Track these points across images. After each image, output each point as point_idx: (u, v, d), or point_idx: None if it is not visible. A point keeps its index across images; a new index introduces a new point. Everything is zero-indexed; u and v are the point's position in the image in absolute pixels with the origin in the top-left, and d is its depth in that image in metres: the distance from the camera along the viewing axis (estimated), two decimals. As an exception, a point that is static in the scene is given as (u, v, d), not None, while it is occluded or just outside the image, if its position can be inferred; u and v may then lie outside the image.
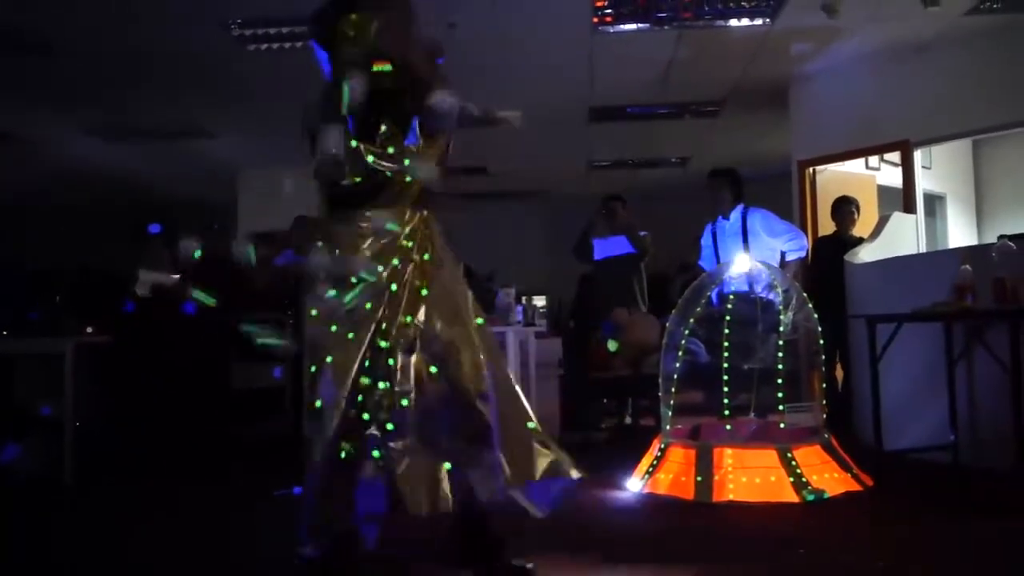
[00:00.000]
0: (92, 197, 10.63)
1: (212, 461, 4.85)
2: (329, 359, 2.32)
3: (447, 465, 2.32)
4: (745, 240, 5.26)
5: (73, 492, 4.61)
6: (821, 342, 4.34)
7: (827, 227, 6.61)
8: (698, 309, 4.40)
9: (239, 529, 3.55)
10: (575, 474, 2.44)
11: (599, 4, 5.40)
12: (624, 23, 5.71)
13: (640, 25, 5.74)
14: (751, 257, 4.81)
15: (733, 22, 5.72)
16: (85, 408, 4.91)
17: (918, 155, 6.55)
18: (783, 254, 5.36)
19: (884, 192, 7.18)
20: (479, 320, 2.47)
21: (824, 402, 4.36)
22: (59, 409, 4.86)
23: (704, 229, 5.65)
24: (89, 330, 5.05)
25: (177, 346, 4.95)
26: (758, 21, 5.71)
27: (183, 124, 7.83)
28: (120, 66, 6.17)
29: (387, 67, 2.40)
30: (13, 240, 10.46)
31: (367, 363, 2.31)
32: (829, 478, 3.89)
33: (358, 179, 2.45)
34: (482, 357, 2.38)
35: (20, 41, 5.65)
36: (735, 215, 5.37)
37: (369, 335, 2.33)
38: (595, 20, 5.63)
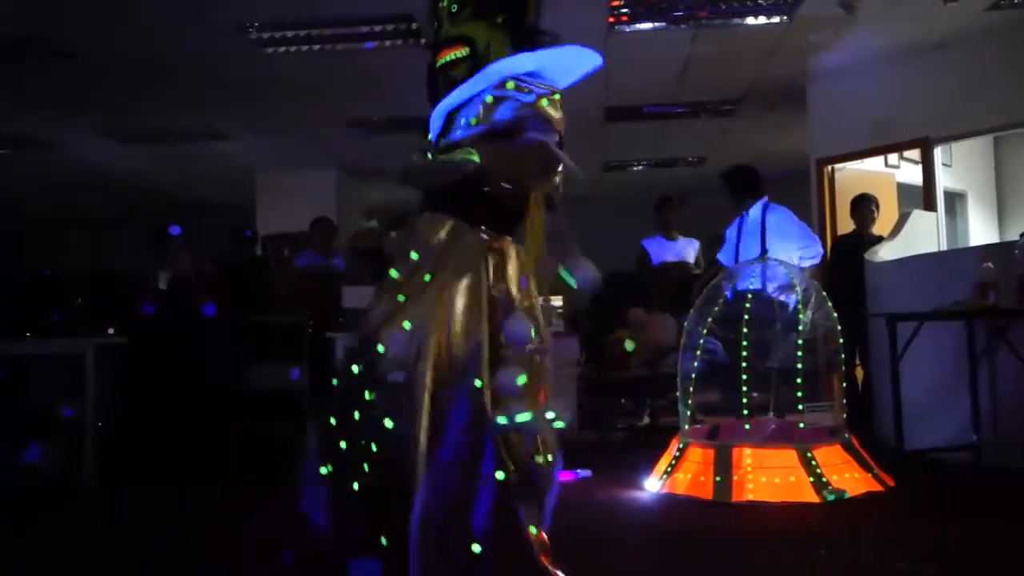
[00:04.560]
0: (111, 200, 10.72)
1: (229, 463, 4.87)
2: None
3: None
4: (763, 238, 5.08)
5: (92, 493, 4.65)
6: (841, 341, 4.30)
7: (846, 225, 6.56)
8: (716, 308, 4.38)
9: (256, 532, 3.56)
10: None
11: (615, 3, 5.39)
12: (640, 22, 5.69)
13: (656, 24, 5.72)
14: (770, 255, 4.75)
15: (750, 20, 5.69)
16: (105, 409, 4.95)
17: (938, 152, 6.49)
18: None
19: (904, 190, 7.12)
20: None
21: (844, 401, 4.33)
22: (80, 410, 4.91)
23: (732, 222, 5.40)
24: (110, 331, 5.09)
25: (195, 348, 4.99)
26: (775, 19, 5.67)
27: (201, 127, 7.89)
28: (138, 70, 6.22)
29: (462, 52, 1.99)
30: (34, 243, 10.59)
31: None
32: (850, 478, 3.86)
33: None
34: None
35: (41, 47, 5.70)
36: (756, 211, 5.13)
37: None
38: (611, 20, 5.61)
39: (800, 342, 4.12)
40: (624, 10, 5.50)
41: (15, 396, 5.25)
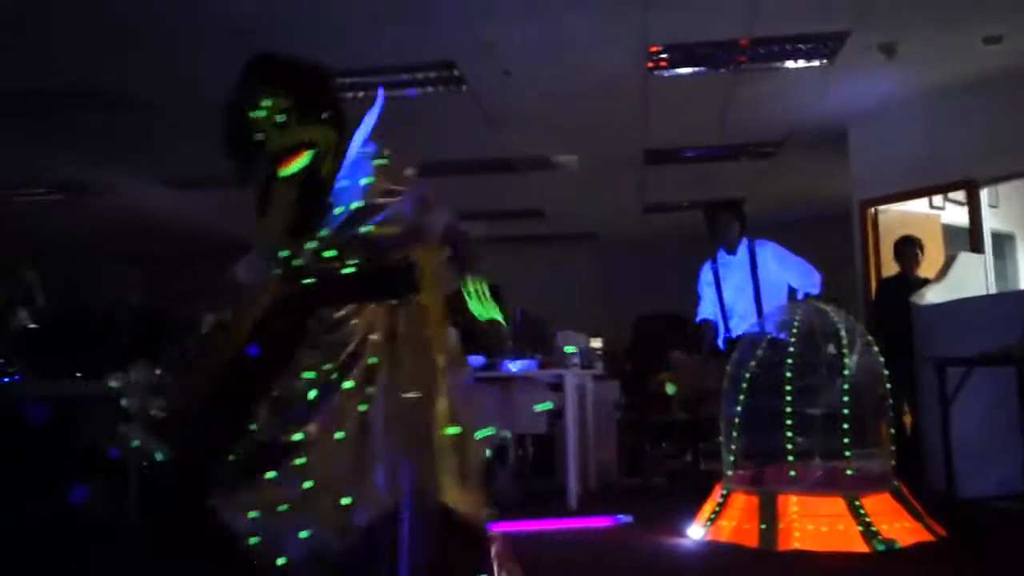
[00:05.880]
0: (164, 243, 10.97)
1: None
2: None
3: None
4: (755, 274, 4.99)
5: (138, 531, 4.70)
6: (888, 385, 4.22)
7: (890, 267, 6.47)
8: (759, 352, 4.32)
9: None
10: None
11: (653, 49, 5.44)
12: (679, 67, 5.73)
13: (696, 68, 5.75)
14: (763, 289, 4.69)
15: (790, 63, 5.70)
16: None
17: (984, 193, 6.40)
18: (792, 290, 5.05)
19: (949, 231, 7.01)
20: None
21: (892, 448, 4.23)
22: (125, 450, 4.98)
23: (702, 269, 5.28)
24: (157, 372, 5.17)
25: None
26: (815, 62, 5.68)
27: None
28: (193, 116, 6.39)
29: (306, 157, 2.10)
30: (85, 284, 10.84)
31: None
32: (900, 527, 3.76)
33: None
34: None
35: (101, 96, 5.90)
36: (741, 249, 5.07)
37: None
38: (649, 65, 5.66)
39: (846, 387, 4.04)
40: (663, 56, 5.55)
41: (64, 436, 5.34)
